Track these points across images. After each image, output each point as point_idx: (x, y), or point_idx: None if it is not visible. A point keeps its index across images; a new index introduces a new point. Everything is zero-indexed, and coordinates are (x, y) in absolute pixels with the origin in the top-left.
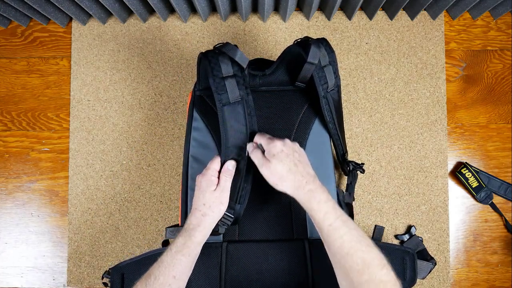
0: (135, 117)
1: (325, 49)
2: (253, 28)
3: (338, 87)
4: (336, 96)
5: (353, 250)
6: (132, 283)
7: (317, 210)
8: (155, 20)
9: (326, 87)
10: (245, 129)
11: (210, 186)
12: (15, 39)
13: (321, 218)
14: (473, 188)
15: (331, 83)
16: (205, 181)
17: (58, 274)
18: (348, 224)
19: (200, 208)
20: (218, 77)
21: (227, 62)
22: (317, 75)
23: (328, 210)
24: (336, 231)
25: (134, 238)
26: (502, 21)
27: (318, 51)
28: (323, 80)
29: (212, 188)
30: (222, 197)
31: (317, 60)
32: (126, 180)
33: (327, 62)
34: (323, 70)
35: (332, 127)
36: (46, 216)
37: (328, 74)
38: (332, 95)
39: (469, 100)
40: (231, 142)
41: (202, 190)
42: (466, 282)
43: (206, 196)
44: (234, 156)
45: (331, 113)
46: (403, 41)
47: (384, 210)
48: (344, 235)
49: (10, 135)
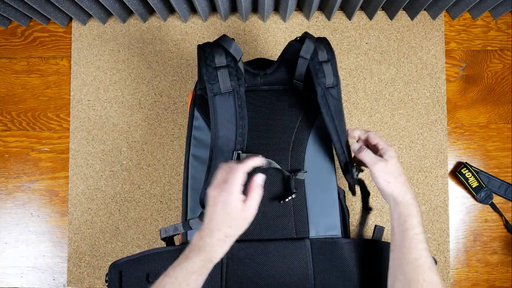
0: (135, 117)
1: (325, 47)
2: (253, 28)
3: (337, 88)
4: (336, 96)
5: (427, 267)
6: (130, 281)
7: (414, 216)
8: (155, 20)
9: (323, 81)
10: (234, 119)
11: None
12: (15, 39)
13: (414, 224)
14: (473, 188)
15: (329, 80)
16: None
17: (58, 274)
18: (427, 243)
19: (224, 230)
20: (211, 66)
21: (221, 53)
22: (313, 69)
23: (420, 221)
24: (420, 243)
25: (134, 238)
26: (502, 21)
27: (312, 45)
28: (320, 73)
29: (239, 207)
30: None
31: (309, 54)
32: (126, 180)
33: (326, 59)
34: (321, 65)
35: (330, 123)
36: (46, 216)
37: (326, 70)
38: (331, 92)
39: (469, 100)
40: (221, 133)
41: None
42: (466, 282)
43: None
44: (225, 148)
45: (329, 109)
46: (403, 41)
47: (384, 210)
48: (424, 250)
49: (10, 135)
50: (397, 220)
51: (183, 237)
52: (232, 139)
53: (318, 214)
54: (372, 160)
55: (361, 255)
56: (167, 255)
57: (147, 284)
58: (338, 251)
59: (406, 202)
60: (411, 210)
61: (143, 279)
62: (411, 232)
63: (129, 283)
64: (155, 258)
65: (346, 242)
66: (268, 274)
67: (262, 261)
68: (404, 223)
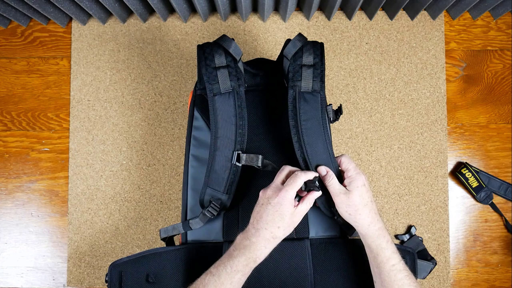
0: (135, 117)
1: (314, 51)
2: (253, 28)
3: (321, 97)
4: (314, 105)
5: None
6: (130, 281)
7: (385, 248)
8: (155, 20)
9: (298, 84)
10: (234, 120)
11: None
12: (15, 39)
13: (387, 256)
14: (473, 188)
15: (307, 84)
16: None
17: (58, 274)
18: (407, 268)
19: (272, 230)
20: (211, 67)
21: (221, 53)
22: (292, 70)
23: (394, 250)
24: (399, 273)
25: (134, 238)
26: (502, 21)
27: (297, 45)
28: (297, 76)
29: (291, 211)
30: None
31: (291, 55)
32: (126, 180)
33: (311, 63)
34: (301, 67)
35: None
36: (46, 216)
37: (306, 74)
38: (307, 98)
39: (469, 100)
40: (220, 133)
41: (280, 212)
42: (466, 282)
43: (285, 219)
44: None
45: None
46: (403, 41)
47: (384, 210)
48: (405, 278)
49: (10, 135)
50: (370, 254)
51: (183, 237)
52: (232, 140)
53: (317, 214)
54: (334, 191)
55: (361, 255)
56: (167, 255)
57: (147, 284)
58: (337, 251)
59: (372, 235)
60: (380, 243)
61: (143, 279)
62: (387, 265)
63: (129, 283)
64: (155, 258)
65: (346, 242)
66: (269, 273)
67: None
68: (377, 257)
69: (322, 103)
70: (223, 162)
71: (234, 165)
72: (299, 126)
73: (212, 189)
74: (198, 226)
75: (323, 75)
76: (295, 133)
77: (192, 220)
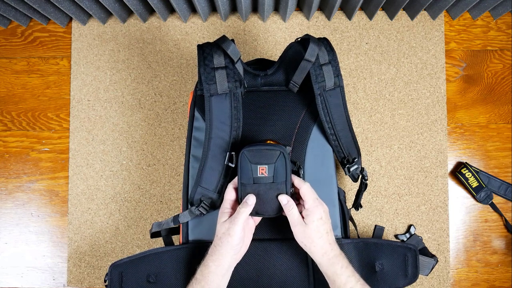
0: (135, 117)
1: (325, 48)
2: (253, 28)
3: (340, 88)
4: (337, 97)
5: None
6: (131, 281)
7: (339, 274)
8: (155, 20)
9: (323, 85)
10: (229, 121)
11: (221, 217)
12: (15, 39)
13: (343, 281)
14: (473, 188)
15: (330, 83)
16: (220, 212)
17: (58, 274)
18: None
19: (215, 239)
20: (209, 67)
21: (220, 54)
22: (314, 72)
23: (350, 274)
24: None
25: (134, 238)
26: (502, 21)
27: (316, 48)
28: (320, 78)
29: (222, 219)
30: (230, 230)
31: (315, 58)
32: (126, 180)
33: (327, 61)
34: (321, 68)
35: (329, 127)
36: (46, 216)
37: (327, 73)
38: (331, 94)
39: (469, 100)
40: (214, 133)
41: (217, 221)
42: (466, 282)
43: (217, 227)
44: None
45: (327, 113)
46: (403, 41)
47: (384, 210)
48: None
49: (10, 135)
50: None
51: (183, 237)
52: (225, 141)
53: None
54: (293, 221)
55: (361, 255)
56: (167, 255)
57: (148, 284)
58: None
59: (326, 263)
60: (335, 270)
61: (143, 279)
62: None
63: (129, 283)
64: (155, 258)
65: (346, 243)
66: (269, 273)
67: (263, 260)
68: (334, 283)
69: (342, 93)
70: (215, 162)
71: (226, 165)
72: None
73: (203, 188)
74: (186, 219)
75: (339, 69)
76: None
77: (181, 214)
